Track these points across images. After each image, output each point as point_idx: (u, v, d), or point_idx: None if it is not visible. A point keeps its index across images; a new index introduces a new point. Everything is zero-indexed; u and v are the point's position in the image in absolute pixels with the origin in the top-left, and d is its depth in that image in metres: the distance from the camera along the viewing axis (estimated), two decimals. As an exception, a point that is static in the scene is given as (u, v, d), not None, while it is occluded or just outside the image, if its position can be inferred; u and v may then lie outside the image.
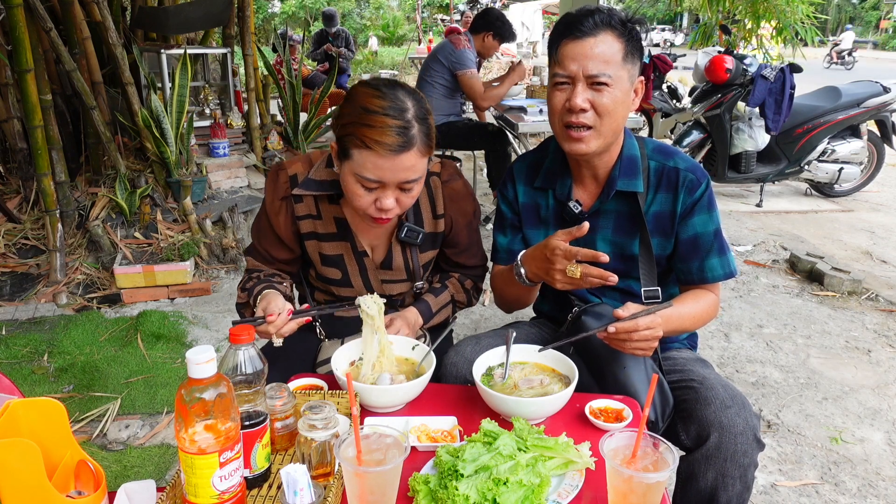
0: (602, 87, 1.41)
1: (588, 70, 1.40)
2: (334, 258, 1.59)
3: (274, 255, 1.61)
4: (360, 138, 1.31)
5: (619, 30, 1.41)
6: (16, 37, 3.54)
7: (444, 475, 1.03)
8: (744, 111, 5.52)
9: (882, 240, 4.90)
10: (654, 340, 1.32)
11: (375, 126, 1.30)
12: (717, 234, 1.53)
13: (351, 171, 1.37)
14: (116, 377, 2.88)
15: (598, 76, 1.40)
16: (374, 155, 1.31)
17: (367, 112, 1.31)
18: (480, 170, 5.95)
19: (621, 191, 1.52)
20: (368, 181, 1.35)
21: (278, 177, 1.56)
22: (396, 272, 1.63)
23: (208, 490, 0.94)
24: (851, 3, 46.47)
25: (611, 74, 1.40)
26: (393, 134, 1.30)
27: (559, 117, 1.47)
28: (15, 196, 4.16)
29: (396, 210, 1.41)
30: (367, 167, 1.33)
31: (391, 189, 1.37)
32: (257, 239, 1.63)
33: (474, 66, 4.58)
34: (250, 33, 5.21)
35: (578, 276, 1.33)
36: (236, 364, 1.06)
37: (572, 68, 1.41)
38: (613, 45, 1.40)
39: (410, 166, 1.34)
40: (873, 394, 2.81)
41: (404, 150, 1.32)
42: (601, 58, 1.40)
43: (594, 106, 1.42)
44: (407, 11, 28.56)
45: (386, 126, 1.30)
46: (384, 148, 1.30)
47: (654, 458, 1.00)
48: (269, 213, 1.57)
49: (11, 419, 0.94)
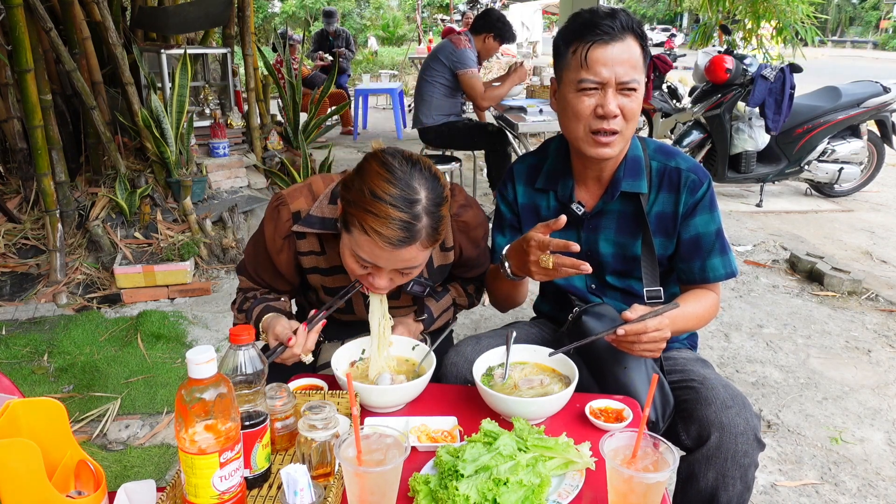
0: (631, 92, 1.41)
1: (620, 77, 1.39)
2: (338, 290, 1.50)
3: (272, 285, 1.56)
4: (361, 222, 1.24)
5: (638, 33, 1.42)
6: (16, 37, 3.54)
7: (445, 475, 1.03)
8: (744, 111, 5.52)
9: (882, 240, 4.90)
10: (663, 342, 1.32)
11: (379, 216, 1.21)
12: (719, 233, 1.54)
13: (348, 245, 1.31)
14: (116, 377, 2.88)
15: (629, 82, 1.40)
16: (372, 243, 1.24)
17: (373, 197, 1.22)
18: (480, 170, 5.95)
19: (625, 192, 1.52)
20: (365, 262, 1.30)
21: (280, 213, 1.46)
22: (403, 301, 1.61)
23: (208, 490, 0.94)
24: (851, 3, 46.46)
25: (637, 80, 1.41)
26: (396, 228, 1.21)
27: (586, 123, 1.44)
28: (15, 196, 4.16)
29: (390, 287, 1.36)
30: (365, 251, 1.27)
31: (386, 272, 1.32)
32: (254, 268, 1.55)
33: (475, 66, 4.58)
34: (250, 33, 5.21)
35: (551, 267, 1.33)
36: (236, 364, 1.06)
37: (604, 74, 1.39)
38: (636, 50, 1.41)
39: (410, 258, 1.28)
40: (873, 394, 2.81)
41: (405, 245, 1.24)
42: (630, 63, 1.39)
43: (622, 111, 1.42)
44: (407, 11, 28.54)
45: (390, 218, 1.21)
46: (384, 240, 1.22)
47: (655, 458, 1.00)
48: (270, 251, 1.49)
49: (11, 419, 0.94)
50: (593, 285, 1.63)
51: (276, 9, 25.79)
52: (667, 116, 6.29)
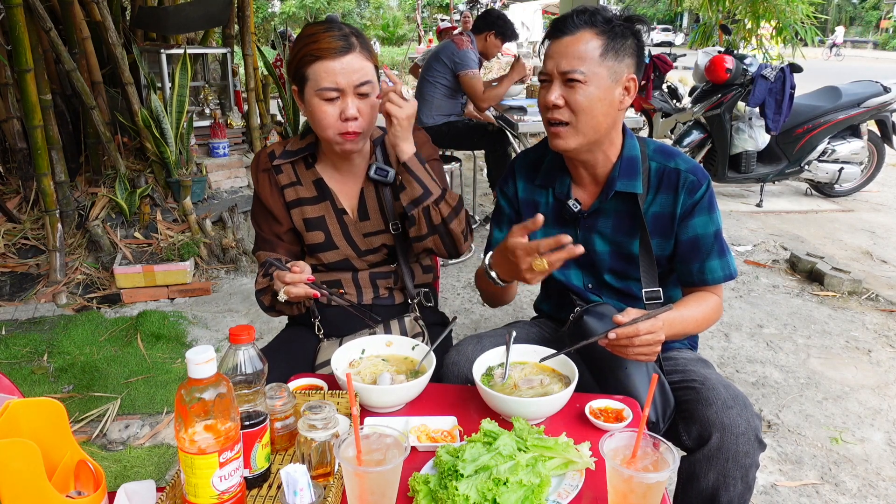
0: (575, 83, 1.41)
1: (561, 67, 1.42)
2: (317, 221, 1.67)
3: (274, 230, 1.69)
4: (308, 54, 1.49)
5: (600, 27, 1.42)
6: (15, 37, 3.54)
7: (444, 475, 1.02)
8: (744, 111, 5.52)
9: (882, 240, 4.90)
10: (657, 345, 1.32)
11: (318, 40, 1.48)
12: (718, 235, 1.53)
13: (312, 92, 1.50)
14: (116, 377, 2.88)
15: (570, 72, 1.41)
16: (322, 62, 1.47)
17: (309, 35, 1.51)
18: (480, 170, 5.95)
19: (620, 191, 1.52)
20: (328, 91, 1.48)
21: (259, 157, 1.70)
22: (374, 222, 1.67)
23: (208, 490, 0.94)
24: (851, 3, 46.46)
25: (584, 71, 1.40)
26: (333, 40, 1.48)
27: (544, 115, 1.49)
28: (15, 196, 4.16)
29: (361, 122, 1.51)
30: (321, 76, 1.48)
31: (350, 96, 1.49)
32: (256, 224, 1.72)
33: (476, 67, 4.58)
34: (250, 33, 5.21)
35: (546, 268, 1.32)
36: (236, 364, 1.06)
37: (549, 66, 1.45)
38: (591, 43, 1.41)
39: (359, 68, 1.49)
40: (873, 394, 2.81)
41: (348, 51, 1.48)
42: (575, 55, 1.41)
43: (568, 102, 1.43)
44: (407, 11, 28.57)
45: (325, 37, 1.48)
46: (330, 53, 1.47)
47: (655, 458, 1.00)
48: (258, 192, 1.69)
49: (11, 419, 0.94)
50: (590, 284, 1.63)
51: (276, 9, 25.79)
52: (667, 116, 6.29)
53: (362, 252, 1.68)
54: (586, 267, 1.63)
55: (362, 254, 1.68)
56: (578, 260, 1.61)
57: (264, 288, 1.58)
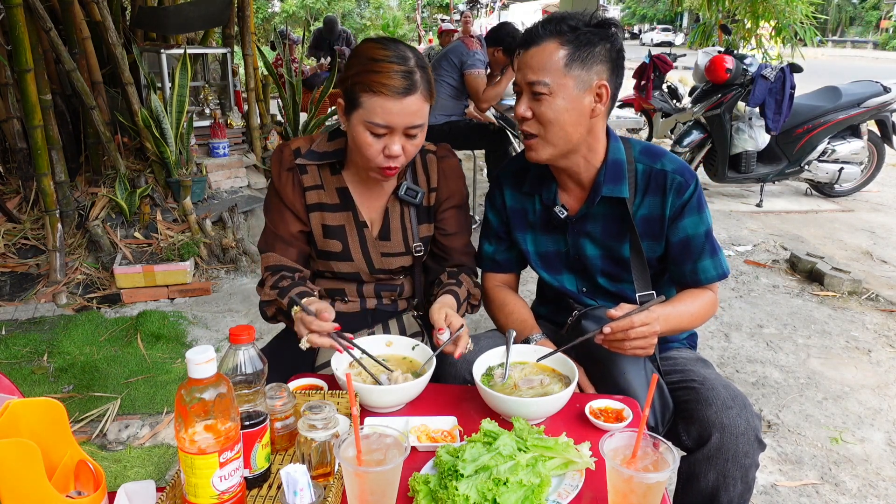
0: (541, 96, 1.41)
1: (527, 78, 1.42)
2: (336, 229, 1.61)
3: (290, 229, 1.60)
4: (368, 84, 1.39)
5: (566, 36, 1.39)
6: (15, 37, 3.54)
7: (444, 475, 1.02)
8: (744, 111, 5.52)
9: (882, 240, 4.90)
10: (653, 337, 1.32)
11: (382, 72, 1.38)
12: (709, 235, 1.52)
13: (360, 120, 1.43)
14: (116, 377, 2.88)
15: (535, 84, 1.41)
16: (381, 98, 1.38)
17: (373, 61, 1.40)
18: (480, 170, 5.95)
19: (607, 196, 1.51)
20: (377, 126, 1.41)
21: (283, 151, 1.61)
22: (395, 243, 1.63)
23: (208, 490, 0.94)
24: (851, 3, 46.45)
25: (548, 82, 1.39)
26: (399, 78, 1.38)
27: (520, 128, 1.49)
28: (15, 196, 4.16)
29: (402, 159, 1.47)
30: (377, 112, 1.40)
31: (398, 135, 1.43)
32: (271, 219, 1.63)
33: (483, 68, 4.59)
34: (250, 33, 5.21)
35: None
36: (236, 364, 1.06)
37: (518, 77, 1.45)
38: (554, 54, 1.39)
39: (416, 111, 1.42)
40: (873, 394, 2.81)
41: (409, 93, 1.39)
42: (537, 66, 1.40)
43: (535, 115, 1.43)
44: (407, 11, 28.58)
45: (392, 71, 1.39)
46: (391, 90, 1.38)
47: (655, 458, 1.00)
48: (278, 188, 1.60)
49: (11, 419, 0.94)
50: (584, 288, 1.63)
51: (276, 9, 25.80)
52: (667, 116, 6.29)
53: (376, 269, 1.64)
54: (578, 271, 1.63)
55: (375, 271, 1.64)
56: (570, 265, 1.61)
57: (270, 301, 1.54)
